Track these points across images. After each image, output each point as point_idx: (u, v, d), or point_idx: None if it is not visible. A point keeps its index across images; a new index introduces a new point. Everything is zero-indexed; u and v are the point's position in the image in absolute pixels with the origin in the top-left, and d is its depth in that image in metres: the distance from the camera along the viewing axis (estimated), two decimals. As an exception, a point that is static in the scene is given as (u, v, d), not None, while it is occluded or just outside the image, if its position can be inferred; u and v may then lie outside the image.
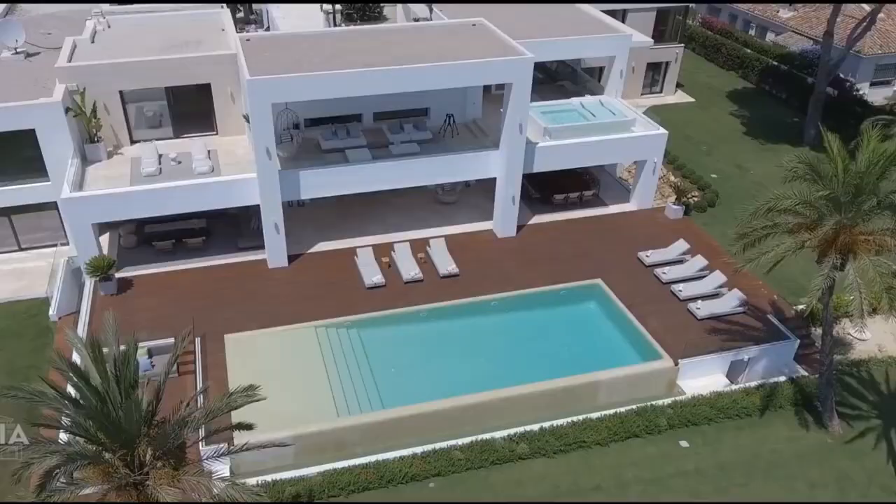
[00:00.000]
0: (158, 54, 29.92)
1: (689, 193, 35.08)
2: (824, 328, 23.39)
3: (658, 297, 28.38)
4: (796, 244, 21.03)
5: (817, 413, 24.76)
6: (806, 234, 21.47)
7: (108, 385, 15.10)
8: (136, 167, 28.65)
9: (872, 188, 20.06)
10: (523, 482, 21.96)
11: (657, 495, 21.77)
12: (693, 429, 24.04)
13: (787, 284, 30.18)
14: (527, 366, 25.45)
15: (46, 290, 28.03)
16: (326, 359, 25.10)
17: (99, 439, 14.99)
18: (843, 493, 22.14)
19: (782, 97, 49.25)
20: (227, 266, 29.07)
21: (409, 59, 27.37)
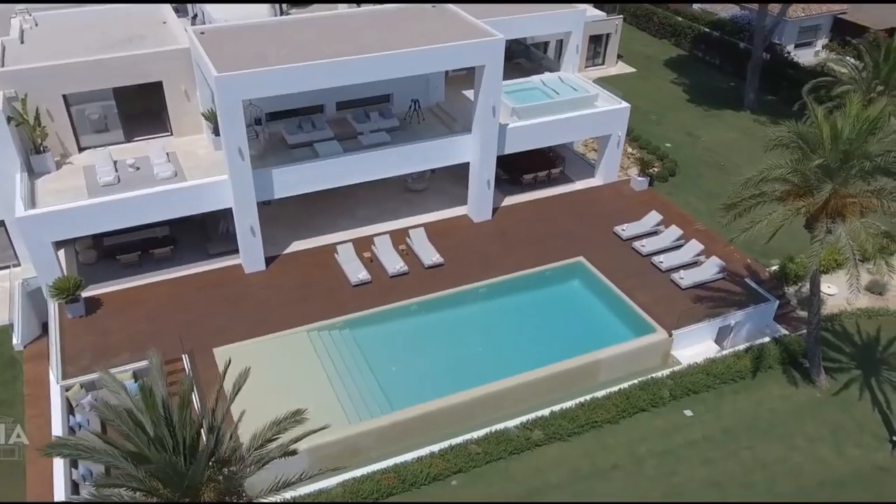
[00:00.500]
0: (100, 53, 27.83)
1: (652, 164, 35.61)
2: (812, 289, 24.25)
3: (640, 271, 28.78)
4: (791, 212, 21.59)
5: (803, 370, 25.78)
6: (796, 201, 22.04)
7: (162, 430, 13.90)
8: (92, 177, 26.71)
9: (863, 153, 20.72)
10: (542, 469, 21.97)
11: (673, 467, 22.21)
12: (694, 397, 24.60)
13: (755, 247, 31.13)
14: (525, 351, 25.43)
15: (8, 316, 25.87)
16: (325, 363, 24.29)
17: (160, 492, 13.87)
18: (840, 445, 23.17)
19: (716, 63, 50.58)
20: (200, 275, 27.62)
21: (378, 45, 26.42)
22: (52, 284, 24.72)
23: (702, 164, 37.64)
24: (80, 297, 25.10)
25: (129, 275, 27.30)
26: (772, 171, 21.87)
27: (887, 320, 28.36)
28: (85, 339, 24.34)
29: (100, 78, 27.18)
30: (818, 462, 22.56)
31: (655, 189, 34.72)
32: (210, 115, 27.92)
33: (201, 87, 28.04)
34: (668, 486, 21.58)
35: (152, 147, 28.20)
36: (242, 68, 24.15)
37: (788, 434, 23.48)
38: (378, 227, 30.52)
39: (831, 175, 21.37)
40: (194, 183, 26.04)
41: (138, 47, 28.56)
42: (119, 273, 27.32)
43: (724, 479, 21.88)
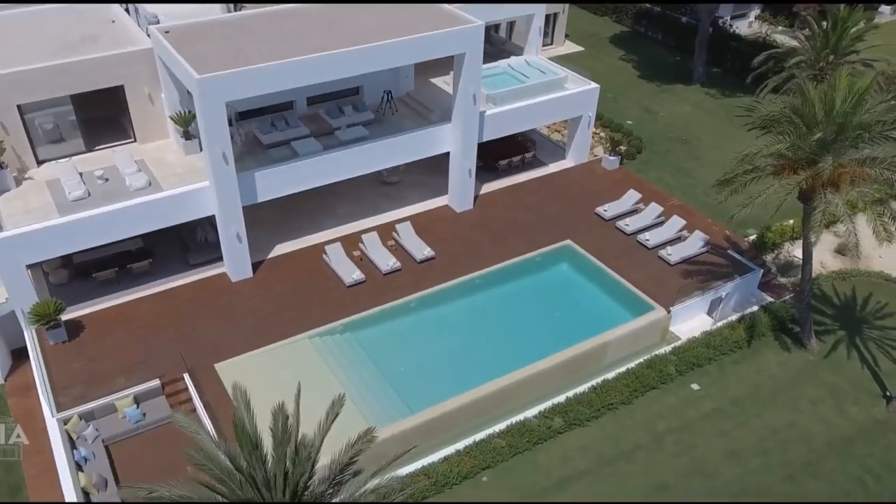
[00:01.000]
0: (53, 57, 25.84)
1: (621, 143, 35.99)
2: (804, 257, 25.07)
3: (628, 250, 29.14)
4: (792, 185, 22.15)
5: (794, 335, 26.74)
6: (791, 175, 22.63)
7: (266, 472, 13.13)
8: (59, 192, 24.90)
9: (858, 124, 21.42)
10: (569, 457, 22.04)
11: (691, 441, 22.67)
12: (698, 370, 25.15)
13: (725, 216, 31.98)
14: (530, 339, 25.40)
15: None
16: (332, 369, 23.59)
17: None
18: (839, 404, 24.17)
19: (658, 38, 51.52)
20: (185, 287, 26.30)
21: (358, 36, 25.56)
22: (30, 310, 23.02)
23: (665, 140, 38.32)
24: (61, 322, 23.46)
25: (108, 293, 25.72)
26: (770, 146, 22.31)
27: (860, 280, 29.68)
28: (73, 366, 22.81)
29: (58, 84, 25.30)
30: (823, 423, 23.47)
31: (626, 167, 35.14)
32: (179, 119, 26.47)
33: (167, 89, 26.50)
34: (691, 461, 22.02)
35: (119, 155, 26.51)
36: (224, 68, 22.92)
37: (791, 399, 24.31)
38: (361, 224, 29.80)
39: (827, 147, 22.01)
40: (175, 192, 24.66)
41: (93, 49, 26.68)
42: (96, 292, 25.70)
43: (740, 448, 22.49)
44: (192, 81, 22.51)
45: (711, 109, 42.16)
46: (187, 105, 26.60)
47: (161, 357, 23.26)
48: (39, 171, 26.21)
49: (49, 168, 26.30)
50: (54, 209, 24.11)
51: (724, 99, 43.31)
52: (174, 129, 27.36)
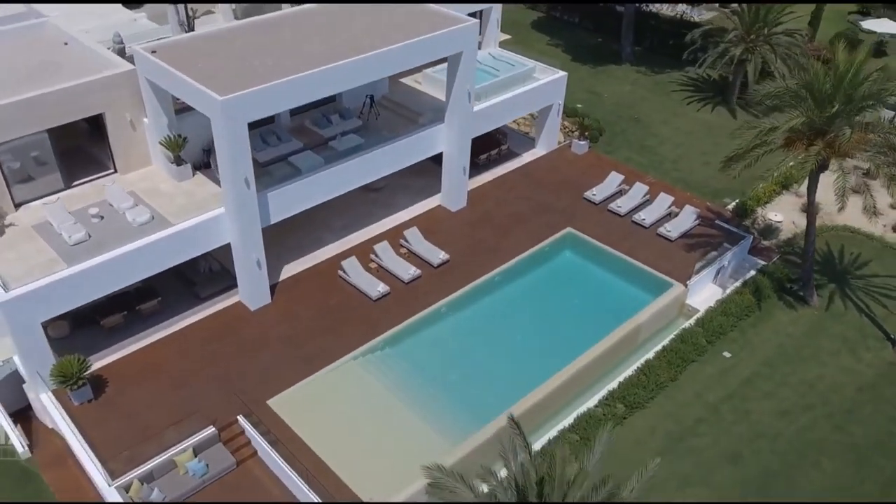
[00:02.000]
0: (17, 89, 23.16)
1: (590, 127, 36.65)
2: (809, 221, 26.75)
3: (627, 231, 29.96)
4: (812, 156, 23.46)
5: (794, 293, 28.49)
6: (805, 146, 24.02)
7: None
8: (54, 236, 22.46)
9: (866, 93, 23.03)
10: (641, 440, 22.50)
11: (743, 407, 23.74)
12: (723, 339, 26.29)
13: (701, 189, 33.69)
14: (562, 329, 25.72)
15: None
16: (388, 388, 22.86)
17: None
18: (854, 352, 26.08)
19: (575, 21, 52.88)
20: (202, 323, 24.49)
21: (353, 42, 24.68)
22: (52, 371, 20.67)
23: (619, 120, 39.51)
24: (87, 380, 21.23)
25: (119, 340, 23.54)
26: (788, 122, 23.47)
27: (830, 235, 31.96)
28: (112, 427, 20.74)
29: (34, 119, 22.76)
30: (847, 372, 25.26)
31: (594, 150, 36.00)
32: (171, 144, 24.50)
33: (153, 113, 24.40)
34: (751, 426, 23.08)
35: (110, 190, 24.21)
36: (241, 87, 21.36)
37: (812, 353, 25.97)
38: (362, 235, 28.89)
39: (835, 119, 23.52)
40: (191, 223, 22.86)
41: (60, 76, 24.14)
42: (105, 340, 23.45)
43: (788, 407, 23.81)
44: (213, 104, 20.84)
45: (648, 86, 43.87)
46: (176, 129, 24.68)
47: (203, 401, 21.62)
48: (19, 215, 23.52)
49: (29, 211, 23.63)
50: (55, 257, 21.71)
51: (656, 76, 45.20)
52: (162, 155, 25.27)
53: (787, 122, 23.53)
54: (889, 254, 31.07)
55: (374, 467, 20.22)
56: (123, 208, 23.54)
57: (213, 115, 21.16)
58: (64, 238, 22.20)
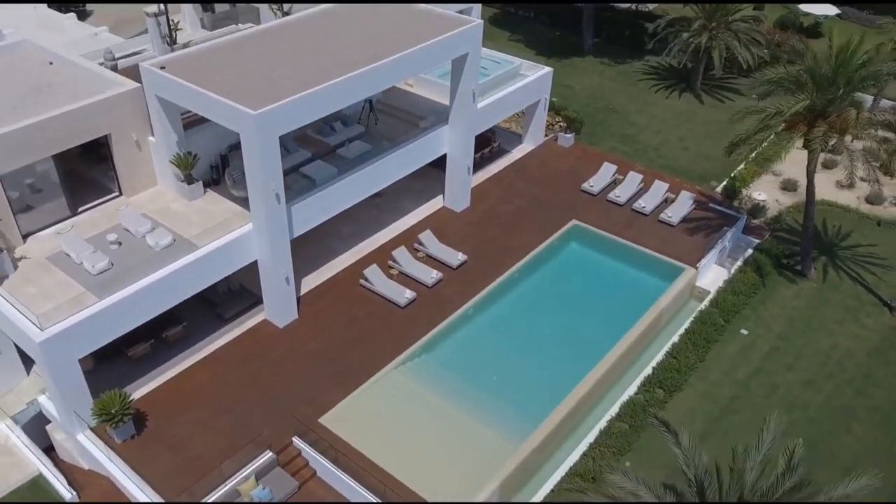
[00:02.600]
0: (14, 115, 21.86)
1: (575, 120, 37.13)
2: (808, 198, 27.98)
3: (629, 219, 30.65)
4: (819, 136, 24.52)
5: (790, 268, 29.78)
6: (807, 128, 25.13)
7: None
8: (72, 267, 21.31)
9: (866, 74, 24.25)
10: (685, 422, 22.86)
11: (771, 381, 24.71)
12: (738, 317, 27.27)
13: (687, 173, 34.78)
14: (587, 319, 26.20)
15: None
16: (435, 393, 22.77)
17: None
18: (857, 319, 27.48)
19: (530, 16, 53.53)
20: (232, 345, 23.75)
21: (372, 48, 24.34)
22: (94, 409, 19.65)
23: (596, 112, 40.29)
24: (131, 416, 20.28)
25: (148, 370, 22.61)
26: (793, 106, 24.43)
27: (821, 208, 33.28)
28: (163, 461, 19.90)
29: (41, 145, 21.51)
30: (855, 338, 26.63)
31: (580, 143, 36.61)
32: (181, 162, 23.61)
33: (163, 131, 23.41)
34: (781, 398, 24.06)
35: (124, 214, 23.14)
36: (270, 100, 20.75)
37: (820, 324, 27.25)
38: (373, 242, 28.59)
39: (834, 101, 24.67)
40: (221, 242, 22.13)
41: (57, 98, 22.90)
42: (134, 371, 22.48)
43: (810, 377, 24.94)
44: (245, 119, 20.17)
45: (614, 77, 44.89)
46: (184, 146, 23.81)
47: (251, 426, 21.02)
48: (28, 246, 22.18)
49: (38, 241, 22.32)
50: (81, 289, 20.58)
51: (619, 66, 46.29)
52: (169, 174, 24.30)
53: (795, 105, 24.47)
54: (866, 224, 32.82)
55: (442, 474, 20.13)
56: (141, 232, 22.54)
57: (245, 130, 20.50)
58: (86, 268, 21.07)
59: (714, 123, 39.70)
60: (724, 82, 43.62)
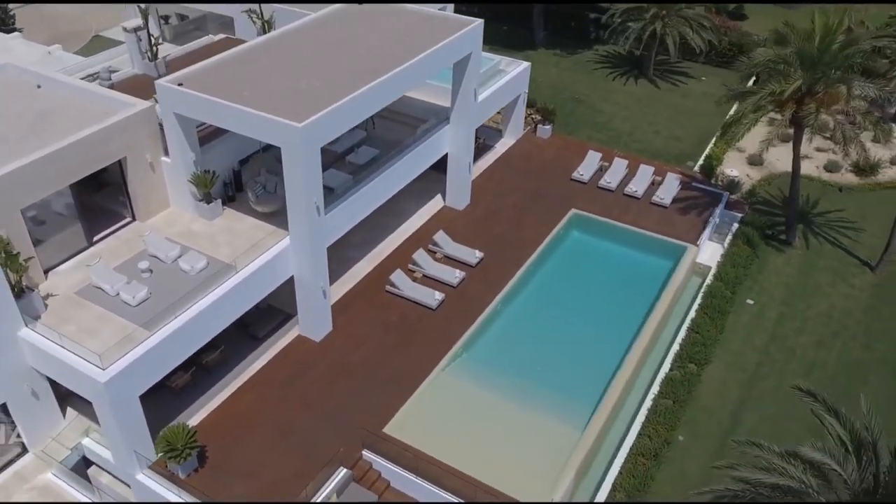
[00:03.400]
0: (24, 146, 20.62)
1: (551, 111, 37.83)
2: (794, 173, 29.74)
3: (624, 204, 31.71)
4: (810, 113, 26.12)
5: (775, 238, 31.60)
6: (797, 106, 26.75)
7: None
8: (107, 300, 20.27)
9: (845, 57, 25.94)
10: (722, 392, 24.32)
11: (786, 345, 26.21)
12: (741, 288, 28.73)
13: (663, 156, 36.25)
14: (608, 302, 27.08)
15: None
16: (487, 390, 23.08)
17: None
18: (847, 280, 29.45)
19: (474, 11, 53.87)
20: (273, 364, 23.23)
21: (384, 53, 24.31)
22: (158, 444, 18.86)
23: (564, 102, 41.22)
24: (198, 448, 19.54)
25: (193, 398, 21.88)
26: (791, 85, 25.86)
27: (779, 181, 35.55)
28: (238, 490, 19.35)
29: (62, 174, 20.38)
30: (848, 298, 28.58)
31: (557, 133, 37.44)
32: (200, 181, 22.85)
33: (180, 150, 22.54)
34: (800, 361, 25.60)
35: (149, 239, 22.13)
36: (310, 111, 20.32)
37: (815, 287, 29.09)
38: (387, 246, 28.57)
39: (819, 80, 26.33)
40: (263, 261, 21.56)
41: (69, 123, 21.67)
42: (177, 402, 21.69)
43: (820, 338, 26.62)
44: (289, 132, 19.71)
45: (570, 67, 46.06)
46: (202, 165, 23.05)
47: (316, 444, 20.68)
48: (51, 282, 20.92)
49: (60, 276, 21.09)
50: (125, 322, 19.63)
51: (572, 56, 47.53)
52: (184, 195, 23.44)
53: (792, 84, 25.86)
54: (830, 191, 35.14)
55: (517, 468, 20.42)
56: (171, 257, 21.67)
57: (287, 144, 20.02)
58: (124, 300, 20.09)
59: (674, 106, 41.51)
60: (673, 66, 45.54)
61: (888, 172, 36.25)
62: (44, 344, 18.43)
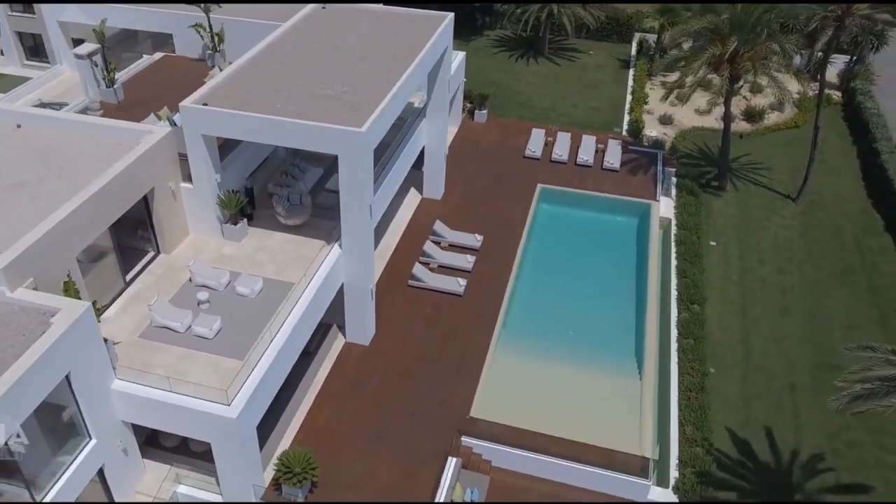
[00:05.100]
0: (47, 189, 19.06)
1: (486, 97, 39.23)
2: (725, 127, 33.47)
3: (579, 173, 34.11)
4: (747, 69, 29.67)
5: (709, 185, 35.44)
6: (729, 65, 30.29)
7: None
8: (182, 338, 19.27)
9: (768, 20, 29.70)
10: (721, 324, 27.29)
11: (760, 277, 29.73)
12: (700, 233, 32.03)
13: (590, 125, 39.10)
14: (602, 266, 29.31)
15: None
16: (541, 359, 24.54)
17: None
18: (777, 213, 33.70)
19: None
20: (334, 375, 23.23)
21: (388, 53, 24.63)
22: (279, 470, 18.51)
23: (483, 87, 42.56)
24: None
25: (270, 425, 21.17)
26: (727, 48, 29.15)
27: (692, 135, 39.54)
28: (357, 500, 19.34)
29: (106, 212, 19.08)
30: (787, 228, 32.81)
31: (492, 117, 39.07)
32: (229, 201, 22.14)
33: (205, 173, 21.65)
34: (772, 287, 29.18)
35: (195, 269, 21.09)
36: (359, 116, 20.42)
37: (757, 223, 33.05)
38: (387, 243, 28.75)
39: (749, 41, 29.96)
40: (325, 272, 21.38)
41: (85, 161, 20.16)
42: (259, 431, 20.91)
43: (780, 265, 30.43)
44: (351, 138, 19.72)
45: (472, 53, 46.76)
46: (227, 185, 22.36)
47: (413, 442, 21.05)
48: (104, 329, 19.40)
49: (106, 322, 19.62)
50: (214, 356, 18.86)
51: (469, 44, 49.13)
52: (206, 220, 22.56)
53: (729, 47, 29.22)
54: (732, 139, 39.65)
55: (604, 422, 21.97)
56: (223, 283, 20.89)
57: (347, 150, 19.99)
58: (199, 334, 19.19)
59: (579, 80, 44.59)
60: (562, 44, 48.72)
61: (771, 117, 41.50)
62: (147, 393, 17.29)
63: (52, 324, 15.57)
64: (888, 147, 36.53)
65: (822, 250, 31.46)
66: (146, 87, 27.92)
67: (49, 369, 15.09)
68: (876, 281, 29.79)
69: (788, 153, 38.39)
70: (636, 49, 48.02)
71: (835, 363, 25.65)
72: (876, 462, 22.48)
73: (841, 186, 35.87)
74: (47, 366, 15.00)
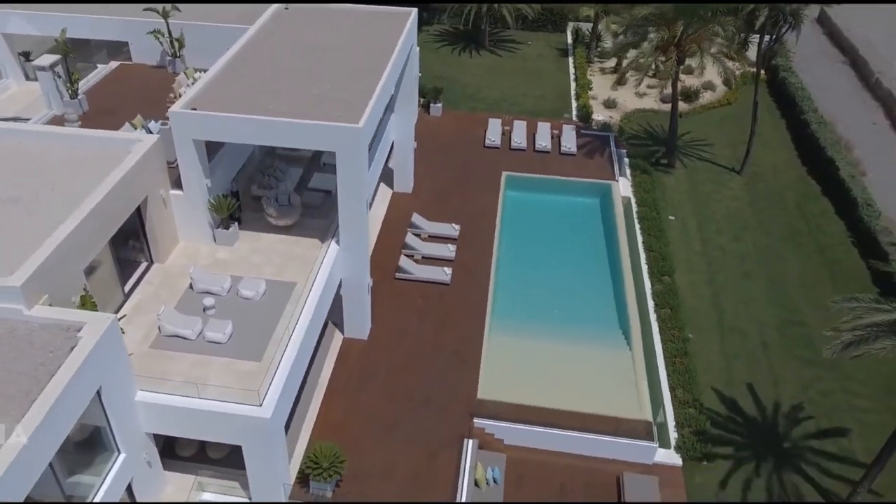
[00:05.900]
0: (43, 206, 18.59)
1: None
2: (673, 107, 35.16)
3: (539, 159, 35.28)
4: (695, 51, 31.33)
5: (659, 164, 37.17)
6: (674, 48, 31.92)
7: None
8: (194, 345, 19.10)
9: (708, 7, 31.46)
10: (693, 291, 28.85)
11: (719, 245, 31.47)
12: (659, 209, 33.63)
13: (540, 113, 40.28)
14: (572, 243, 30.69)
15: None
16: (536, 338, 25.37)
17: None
18: (725, 185, 35.69)
19: (288, 7, 53.51)
20: (339, 371, 23.52)
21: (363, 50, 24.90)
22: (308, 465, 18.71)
23: (431, 81, 43.21)
24: (340, 462, 19.50)
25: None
26: (674, 33, 30.73)
27: (637, 118, 41.20)
28: (389, 489, 19.67)
29: (107, 225, 18.73)
30: (735, 199, 34.80)
31: (447, 109, 39.71)
32: (221, 205, 22.03)
33: (195, 178, 21.46)
34: (731, 254, 30.96)
35: (195, 276, 20.88)
36: (354, 112, 20.66)
37: (708, 196, 34.93)
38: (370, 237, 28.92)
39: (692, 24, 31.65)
40: (328, 270, 21.52)
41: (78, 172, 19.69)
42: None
43: (735, 233, 32.28)
44: (349, 134, 19.95)
45: (431, 48, 48.13)
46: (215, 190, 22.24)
47: (426, 429, 21.60)
48: (115, 346, 19.09)
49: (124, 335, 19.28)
50: (227, 360, 18.80)
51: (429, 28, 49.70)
52: (195, 226, 22.35)
53: (676, 31, 30.82)
54: (672, 118, 41.70)
55: (604, 393, 23.04)
56: (226, 287, 20.78)
57: (344, 147, 20.21)
58: (213, 339, 19.09)
59: (522, 70, 45.72)
60: (501, 36, 49.80)
61: (705, 96, 43.75)
62: (172, 401, 17.13)
63: (80, 338, 15.28)
64: (816, 118, 39.19)
65: (771, 218, 33.55)
66: (108, 97, 27.19)
67: (84, 384, 14.85)
68: (822, 241, 32.06)
69: (724, 129, 40.62)
70: (572, 38, 49.60)
71: (798, 320, 27.69)
72: (848, 406, 24.38)
73: (777, 158, 38.25)
74: (82, 381, 14.75)
